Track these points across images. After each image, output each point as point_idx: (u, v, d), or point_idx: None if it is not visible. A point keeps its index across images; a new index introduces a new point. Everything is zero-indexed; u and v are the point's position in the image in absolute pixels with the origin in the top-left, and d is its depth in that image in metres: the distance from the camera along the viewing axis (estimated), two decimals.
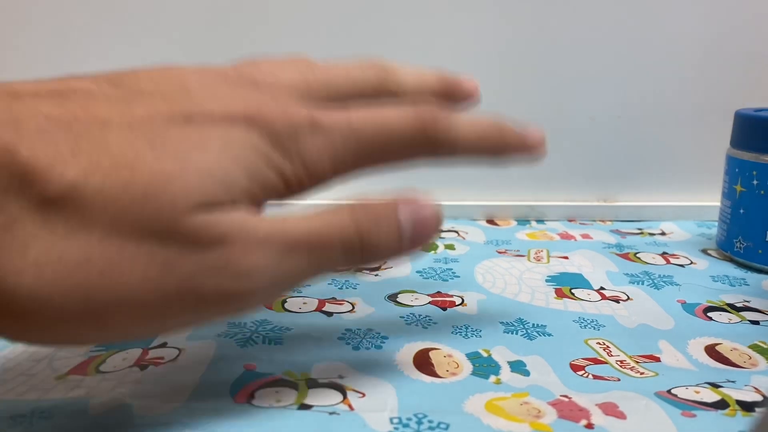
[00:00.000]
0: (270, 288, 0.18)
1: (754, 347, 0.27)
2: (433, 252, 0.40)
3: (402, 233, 0.19)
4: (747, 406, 0.22)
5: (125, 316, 0.16)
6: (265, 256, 0.17)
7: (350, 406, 0.21)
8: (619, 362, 0.25)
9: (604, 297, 0.32)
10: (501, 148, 0.23)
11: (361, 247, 0.19)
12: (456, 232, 0.45)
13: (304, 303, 0.30)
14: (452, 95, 0.24)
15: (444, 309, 0.30)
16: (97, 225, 0.15)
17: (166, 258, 0.16)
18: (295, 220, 0.18)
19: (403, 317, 0.29)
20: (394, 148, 0.21)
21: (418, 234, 0.20)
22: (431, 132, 0.21)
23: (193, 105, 0.17)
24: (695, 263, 0.38)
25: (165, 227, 0.15)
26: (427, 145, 0.21)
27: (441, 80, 0.24)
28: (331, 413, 0.21)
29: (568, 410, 0.21)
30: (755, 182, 0.36)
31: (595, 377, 0.24)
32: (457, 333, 0.28)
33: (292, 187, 0.19)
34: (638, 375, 0.24)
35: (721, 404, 0.22)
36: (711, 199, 0.48)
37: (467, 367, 0.25)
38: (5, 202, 0.14)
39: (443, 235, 0.44)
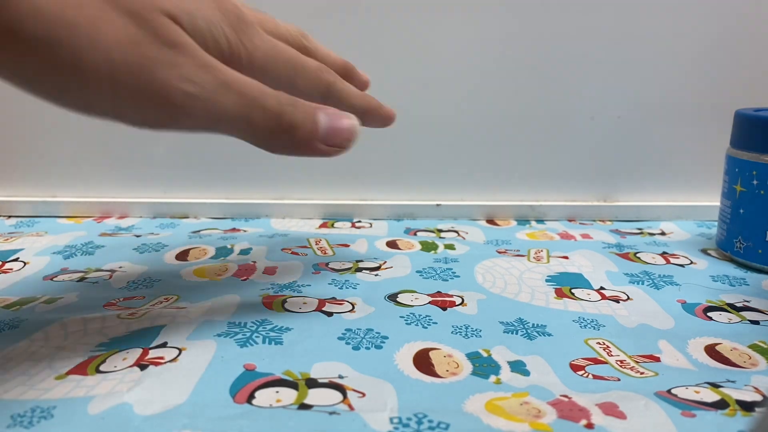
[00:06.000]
0: (203, 107, 0.21)
1: (754, 347, 0.27)
2: (433, 252, 0.40)
3: (318, 121, 0.24)
4: (747, 406, 0.22)
5: (94, 70, 0.19)
6: (206, 75, 0.21)
7: (350, 406, 0.21)
8: (619, 362, 0.25)
9: (604, 297, 0.32)
10: (371, 108, 0.30)
11: (278, 115, 0.23)
12: (456, 232, 0.45)
13: (304, 303, 0.30)
14: (349, 78, 0.30)
15: (444, 309, 0.30)
16: None
17: (136, 35, 0.20)
18: (235, 72, 0.22)
19: (403, 317, 0.29)
20: (301, 75, 0.26)
21: (334, 131, 0.24)
22: (326, 74, 0.27)
23: None
24: (695, 263, 0.38)
25: (139, 11, 0.20)
26: (322, 86, 0.27)
27: (343, 64, 0.32)
28: (331, 413, 0.21)
29: (568, 410, 0.21)
30: (755, 182, 0.36)
31: (595, 377, 0.24)
32: (457, 333, 0.28)
33: (232, 56, 0.23)
34: (638, 375, 0.24)
35: (721, 404, 0.22)
36: (711, 199, 0.48)
37: (467, 367, 0.25)
38: None
39: (443, 234, 0.44)
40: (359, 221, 0.48)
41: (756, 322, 0.29)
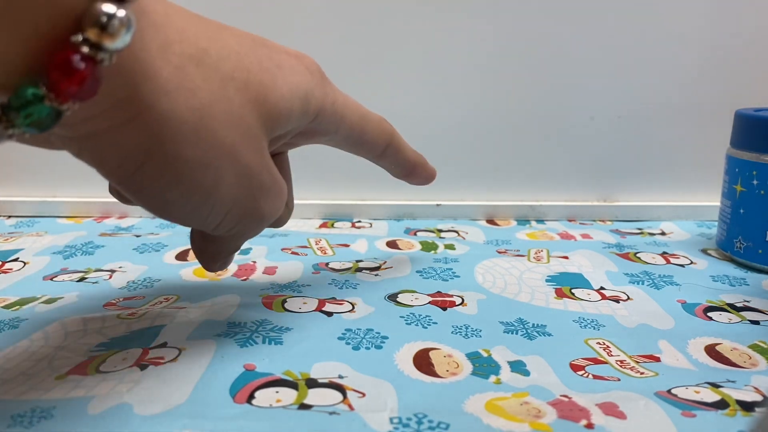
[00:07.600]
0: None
1: (754, 347, 0.27)
2: (433, 252, 0.40)
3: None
4: (747, 406, 0.22)
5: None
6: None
7: (350, 406, 0.21)
8: (619, 362, 0.25)
9: (604, 297, 0.32)
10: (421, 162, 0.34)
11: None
12: (456, 232, 0.45)
13: (304, 303, 0.30)
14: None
15: (444, 309, 0.30)
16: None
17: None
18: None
19: (403, 317, 0.29)
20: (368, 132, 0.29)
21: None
22: (390, 132, 0.30)
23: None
24: (695, 263, 0.38)
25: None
26: (386, 143, 0.30)
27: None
28: (331, 413, 0.21)
29: (568, 410, 0.21)
30: (755, 182, 0.36)
31: (595, 377, 0.24)
32: (457, 333, 0.28)
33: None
34: (638, 375, 0.24)
35: (721, 404, 0.22)
36: (711, 199, 0.48)
37: (467, 367, 0.25)
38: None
39: (443, 234, 0.44)
40: (359, 221, 0.48)
41: (756, 322, 0.29)
